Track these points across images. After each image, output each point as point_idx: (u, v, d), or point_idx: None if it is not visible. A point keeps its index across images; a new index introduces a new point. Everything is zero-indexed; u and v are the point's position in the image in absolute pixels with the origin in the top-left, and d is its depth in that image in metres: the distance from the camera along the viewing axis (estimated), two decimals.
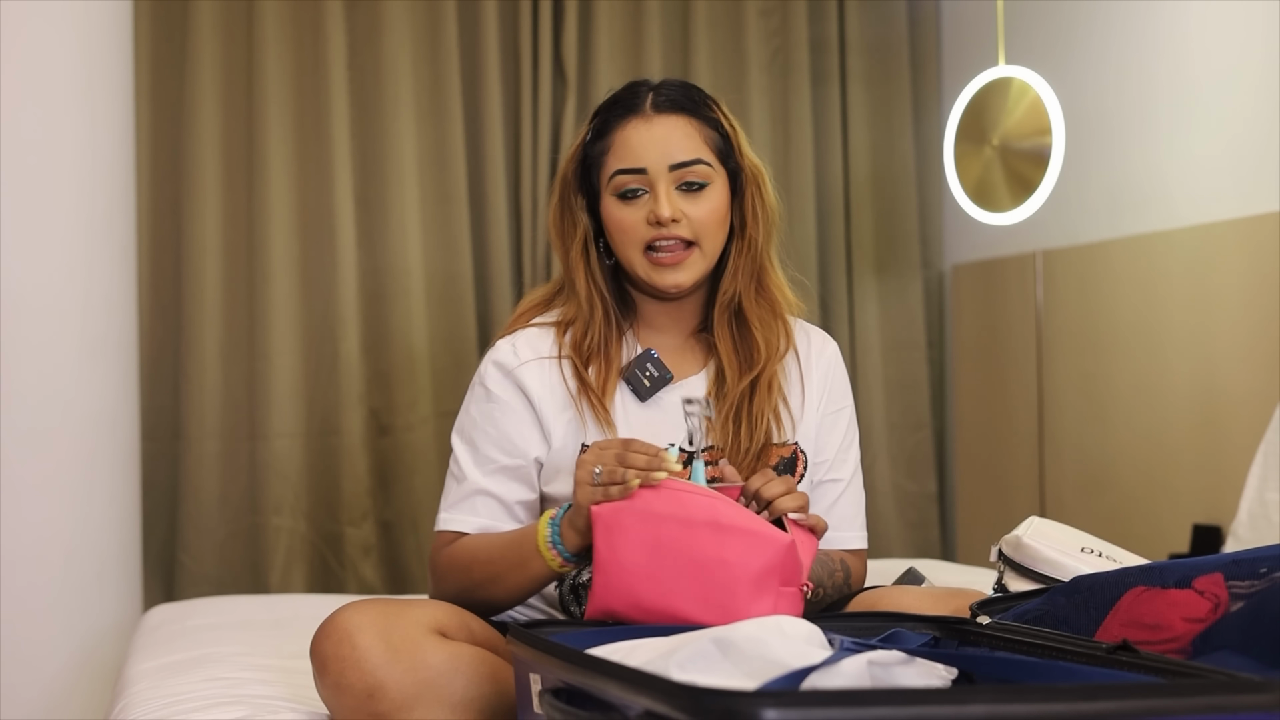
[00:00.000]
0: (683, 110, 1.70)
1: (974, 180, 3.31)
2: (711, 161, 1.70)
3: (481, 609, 1.63)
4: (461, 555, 1.66)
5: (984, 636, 1.28)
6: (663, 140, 1.68)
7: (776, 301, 1.77)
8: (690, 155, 1.68)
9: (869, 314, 3.91)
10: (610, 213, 1.71)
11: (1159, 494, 3.17)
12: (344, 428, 3.40)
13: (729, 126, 1.74)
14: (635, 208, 1.69)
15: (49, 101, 2.71)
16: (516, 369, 1.71)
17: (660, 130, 1.68)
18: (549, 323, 1.77)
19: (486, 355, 1.76)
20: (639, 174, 1.68)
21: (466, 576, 1.63)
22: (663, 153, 1.68)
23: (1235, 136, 3.05)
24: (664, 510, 1.40)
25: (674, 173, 1.68)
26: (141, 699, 1.72)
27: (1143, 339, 3.23)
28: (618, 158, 1.69)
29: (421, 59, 3.52)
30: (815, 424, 1.78)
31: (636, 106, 1.71)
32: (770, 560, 1.36)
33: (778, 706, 0.85)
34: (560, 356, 1.72)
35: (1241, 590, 1.21)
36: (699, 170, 1.68)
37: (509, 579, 1.59)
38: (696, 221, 1.68)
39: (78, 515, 2.73)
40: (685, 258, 1.69)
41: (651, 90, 1.72)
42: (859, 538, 1.82)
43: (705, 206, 1.69)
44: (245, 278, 3.39)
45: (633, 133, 1.69)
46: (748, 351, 1.74)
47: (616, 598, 1.39)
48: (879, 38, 3.95)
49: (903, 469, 3.91)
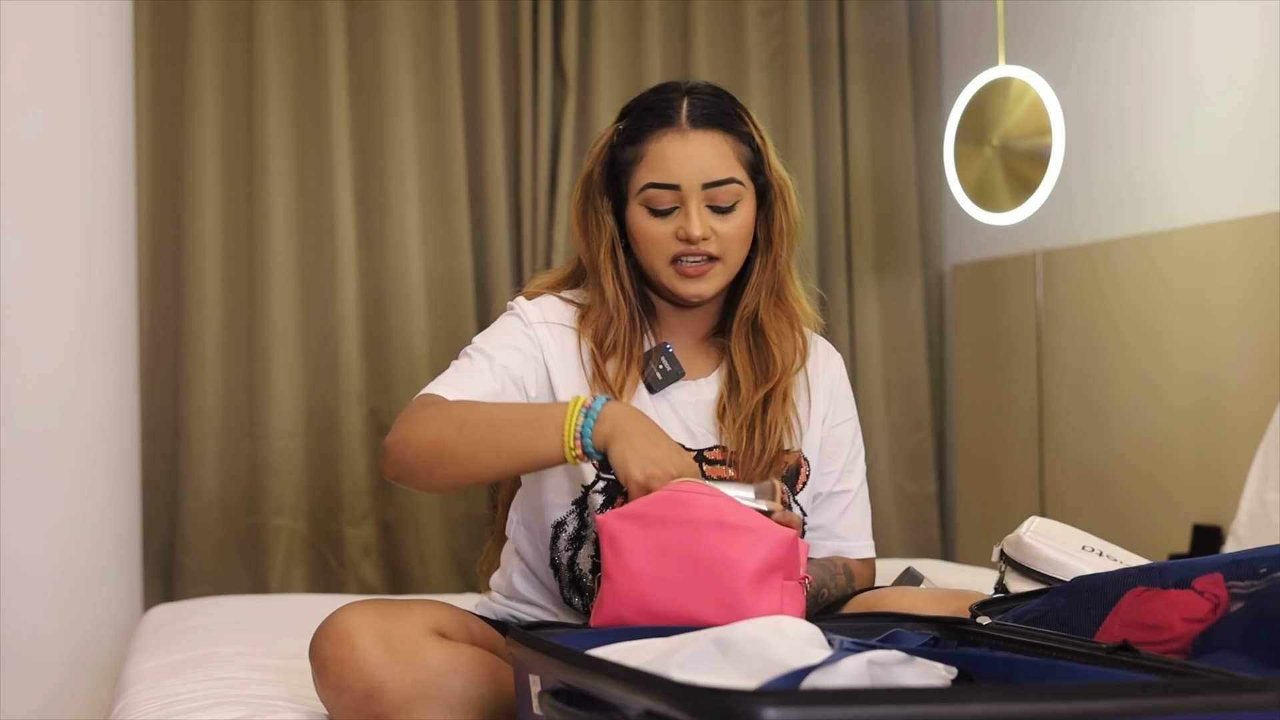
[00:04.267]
0: (717, 125, 1.68)
1: (974, 180, 3.31)
2: (743, 179, 1.68)
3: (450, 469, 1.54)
4: (457, 404, 1.58)
5: (984, 636, 1.28)
6: (697, 158, 1.66)
7: (795, 314, 1.77)
8: (724, 175, 1.66)
9: (869, 314, 3.91)
10: (638, 222, 1.69)
11: (1159, 494, 3.17)
12: (344, 428, 3.40)
13: (760, 139, 1.72)
14: (665, 222, 1.67)
15: (49, 101, 2.71)
16: (536, 324, 1.71)
17: (695, 147, 1.66)
18: (572, 300, 1.76)
19: (508, 304, 1.76)
20: (672, 190, 1.66)
21: (455, 422, 1.54)
22: (697, 170, 1.66)
23: (1235, 136, 3.04)
24: (668, 513, 1.40)
25: (706, 191, 1.66)
26: (141, 699, 1.72)
27: (1143, 339, 3.23)
28: (650, 170, 1.67)
29: (421, 59, 3.52)
30: (819, 435, 1.79)
31: (671, 118, 1.67)
32: (772, 554, 1.36)
33: (777, 706, 0.85)
34: (579, 333, 1.72)
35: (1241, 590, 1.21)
36: (732, 190, 1.67)
37: (508, 442, 1.52)
38: (724, 237, 1.67)
39: (78, 515, 2.73)
40: (709, 269, 1.68)
41: (686, 97, 1.69)
42: (867, 546, 1.84)
43: (734, 224, 1.67)
44: (245, 278, 3.39)
45: (668, 147, 1.66)
46: (763, 364, 1.73)
47: (626, 604, 1.39)
48: (879, 38, 3.95)
49: (903, 469, 3.91)
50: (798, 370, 1.76)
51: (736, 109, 1.71)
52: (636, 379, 1.71)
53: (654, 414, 1.71)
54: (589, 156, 1.75)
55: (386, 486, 3.46)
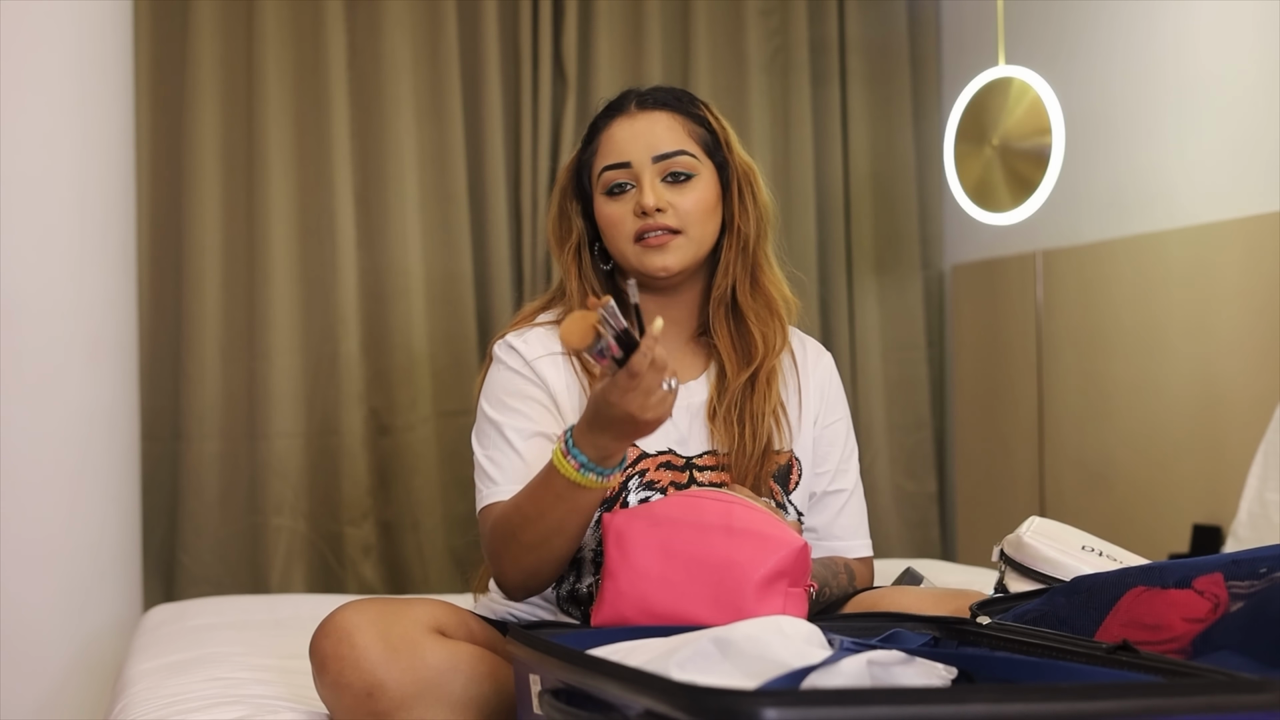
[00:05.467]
0: (666, 106, 1.75)
1: (974, 180, 3.31)
2: (696, 153, 1.72)
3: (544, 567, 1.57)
4: (502, 520, 1.60)
5: (984, 636, 1.28)
6: (645, 133, 1.71)
7: (773, 299, 1.78)
8: (673, 146, 1.71)
9: (869, 314, 3.90)
10: (601, 210, 1.73)
11: (1159, 494, 3.17)
12: (344, 428, 3.40)
13: (717, 125, 1.77)
14: (623, 202, 1.71)
15: (49, 102, 2.71)
16: (534, 361, 1.72)
17: (643, 124, 1.72)
18: (551, 321, 1.77)
19: (495, 347, 1.76)
20: (624, 168, 1.71)
21: (514, 539, 1.57)
22: (646, 144, 1.71)
23: (1235, 136, 3.04)
24: (678, 515, 1.40)
25: (658, 164, 1.70)
26: (141, 699, 1.72)
27: (1143, 339, 3.23)
28: (604, 155, 1.73)
29: (421, 59, 3.52)
30: (812, 435, 1.79)
31: (623, 107, 1.76)
32: (781, 562, 1.36)
33: (777, 705, 0.85)
34: (567, 354, 1.73)
35: (1241, 590, 1.21)
36: (683, 161, 1.71)
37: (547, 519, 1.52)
38: (683, 211, 1.70)
39: (78, 515, 2.73)
40: (669, 240, 1.70)
41: (638, 94, 1.77)
42: (864, 545, 1.84)
43: (691, 196, 1.70)
44: (245, 278, 3.39)
45: (617, 129, 1.73)
46: (745, 348, 1.75)
47: (628, 603, 1.39)
48: (879, 38, 3.95)
49: (903, 469, 3.91)
50: (780, 352, 1.76)
51: (690, 98, 1.78)
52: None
53: None
54: (560, 172, 1.82)
55: (387, 486, 3.46)
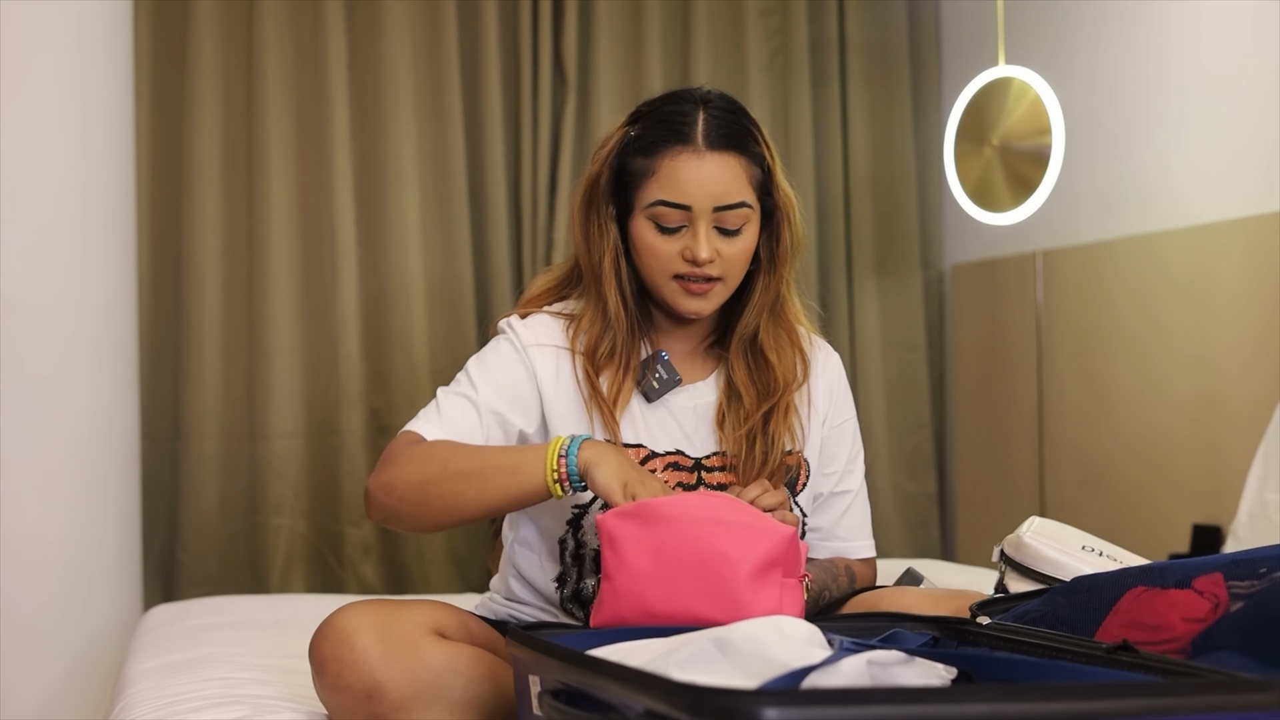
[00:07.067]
0: (732, 146, 1.66)
1: (974, 180, 3.31)
2: (752, 202, 1.67)
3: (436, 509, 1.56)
4: (441, 446, 1.59)
5: (984, 636, 1.28)
6: (711, 180, 1.64)
7: (793, 330, 1.77)
8: (736, 199, 1.65)
9: (869, 314, 3.90)
10: (643, 235, 1.68)
11: (1159, 494, 3.17)
12: (344, 428, 3.40)
13: (770, 159, 1.70)
14: (671, 240, 1.66)
15: (49, 101, 2.71)
16: (529, 347, 1.71)
17: (709, 170, 1.64)
18: (563, 313, 1.76)
19: (501, 322, 1.75)
20: (683, 210, 1.65)
21: (440, 465, 1.56)
22: (710, 194, 1.64)
23: (1235, 136, 3.04)
24: (667, 512, 1.40)
25: (716, 214, 1.65)
26: (141, 699, 1.72)
27: (1143, 339, 3.23)
28: (662, 188, 1.65)
29: (421, 59, 3.52)
30: (819, 436, 1.79)
31: (687, 135, 1.65)
32: (770, 550, 1.36)
33: (777, 705, 0.85)
34: (573, 351, 1.71)
35: (1241, 590, 1.21)
36: (740, 214, 1.66)
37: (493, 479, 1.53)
38: (728, 260, 1.67)
39: (78, 515, 2.73)
40: (710, 289, 1.68)
41: (702, 111, 1.67)
42: (868, 546, 1.85)
43: (739, 246, 1.67)
44: (245, 278, 3.39)
45: (682, 167, 1.64)
46: (764, 382, 1.73)
47: (626, 604, 1.39)
48: (879, 38, 3.95)
49: (903, 469, 3.91)
50: (799, 386, 1.75)
51: (750, 126, 1.70)
52: (631, 389, 1.70)
53: (652, 421, 1.71)
54: (595, 159, 1.73)
55: None
